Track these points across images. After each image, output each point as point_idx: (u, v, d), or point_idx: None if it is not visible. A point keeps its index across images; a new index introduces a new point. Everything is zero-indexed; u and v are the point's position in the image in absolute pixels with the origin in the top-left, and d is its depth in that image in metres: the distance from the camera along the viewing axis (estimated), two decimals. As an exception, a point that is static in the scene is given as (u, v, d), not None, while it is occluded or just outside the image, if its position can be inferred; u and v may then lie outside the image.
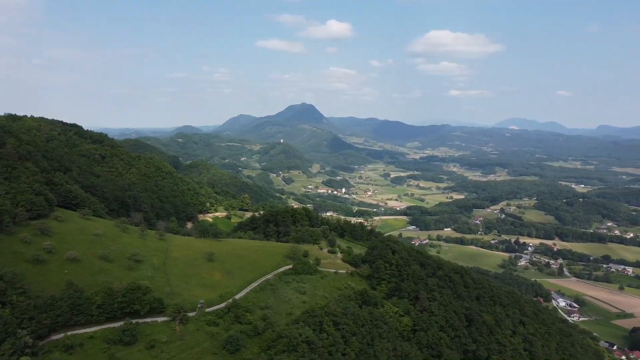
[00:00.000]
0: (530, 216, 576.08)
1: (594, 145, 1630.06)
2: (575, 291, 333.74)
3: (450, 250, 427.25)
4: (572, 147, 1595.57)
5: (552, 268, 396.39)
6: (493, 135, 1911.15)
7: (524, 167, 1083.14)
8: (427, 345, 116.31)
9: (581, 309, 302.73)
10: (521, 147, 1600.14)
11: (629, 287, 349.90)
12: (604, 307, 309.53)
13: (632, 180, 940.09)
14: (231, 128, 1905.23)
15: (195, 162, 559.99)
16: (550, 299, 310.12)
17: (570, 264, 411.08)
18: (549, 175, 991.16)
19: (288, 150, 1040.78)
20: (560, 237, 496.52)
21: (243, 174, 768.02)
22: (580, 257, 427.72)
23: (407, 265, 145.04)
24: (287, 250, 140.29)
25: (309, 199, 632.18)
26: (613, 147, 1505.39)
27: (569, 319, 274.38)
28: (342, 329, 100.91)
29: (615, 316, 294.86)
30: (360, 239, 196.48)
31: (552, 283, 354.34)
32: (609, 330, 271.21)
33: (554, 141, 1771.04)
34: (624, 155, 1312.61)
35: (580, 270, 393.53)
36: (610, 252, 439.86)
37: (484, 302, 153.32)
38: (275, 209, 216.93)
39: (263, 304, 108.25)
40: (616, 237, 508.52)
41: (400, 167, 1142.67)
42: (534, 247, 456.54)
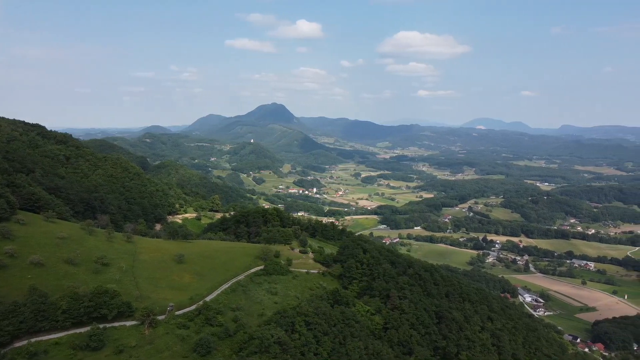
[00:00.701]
0: (497, 214, 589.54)
1: (557, 144, 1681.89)
2: (540, 286, 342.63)
3: (420, 249, 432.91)
4: (537, 146, 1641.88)
5: (518, 264, 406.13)
6: (461, 135, 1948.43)
7: (490, 166, 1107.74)
8: (398, 343, 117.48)
9: (546, 303, 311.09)
10: (488, 146, 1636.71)
11: (590, 282, 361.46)
12: (567, 302, 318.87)
13: (593, 178, 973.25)
14: (201, 128, 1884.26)
15: (163, 163, 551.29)
16: (517, 294, 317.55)
17: (536, 260, 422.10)
18: (515, 174, 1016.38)
19: (259, 150, 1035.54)
20: (526, 234, 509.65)
21: (213, 174, 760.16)
22: (545, 254, 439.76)
23: (378, 264, 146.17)
24: (258, 251, 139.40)
25: (280, 199, 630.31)
26: (575, 147, 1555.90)
27: (535, 313, 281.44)
28: (314, 329, 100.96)
29: (578, 310, 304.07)
30: (332, 239, 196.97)
31: (519, 279, 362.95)
32: (573, 323, 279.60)
33: (519, 141, 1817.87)
34: (586, 154, 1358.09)
35: (545, 266, 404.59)
36: (573, 248, 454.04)
37: (453, 299, 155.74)
38: (246, 210, 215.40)
39: (234, 306, 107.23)
40: (579, 233, 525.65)
41: (370, 166, 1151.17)
42: (501, 244, 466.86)
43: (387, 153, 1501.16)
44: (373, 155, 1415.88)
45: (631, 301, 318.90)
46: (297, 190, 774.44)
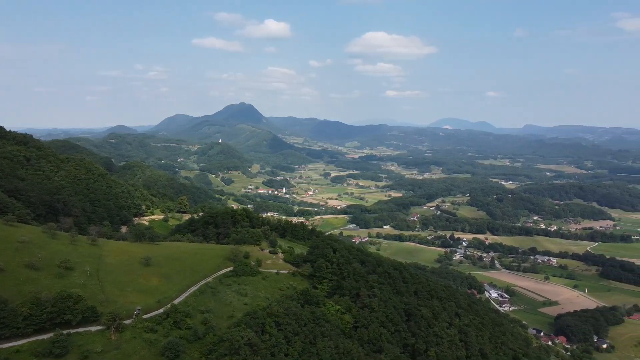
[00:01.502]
0: (464, 212, 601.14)
1: (521, 143, 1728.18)
2: (505, 282, 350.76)
3: (389, 247, 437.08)
4: (501, 145, 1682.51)
5: (484, 261, 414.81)
6: (428, 134, 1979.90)
7: (457, 165, 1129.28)
8: (368, 341, 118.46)
9: (511, 299, 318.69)
10: (454, 146, 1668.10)
11: (553, 277, 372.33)
12: (531, 297, 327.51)
13: (555, 176, 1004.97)
14: (167, 128, 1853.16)
15: (129, 164, 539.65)
16: (483, 290, 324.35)
17: (501, 257, 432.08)
18: (481, 172, 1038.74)
19: (227, 150, 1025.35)
20: (492, 231, 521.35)
21: (181, 175, 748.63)
22: (510, 250, 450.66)
23: (347, 263, 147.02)
24: (227, 252, 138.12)
25: (249, 200, 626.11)
26: (538, 146, 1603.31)
27: (501, 309, 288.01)
28: (284, 330, 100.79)
29: (541, 304, 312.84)
30: (302, 239, 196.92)
31: (485, 275, 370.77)
32: (536, 318, 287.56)
33: (484, 140, 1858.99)
34: (548, 153, 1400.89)
35: (510, 263, 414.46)
36: (536, 244, 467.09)
37: (422, 296, 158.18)
38: (214, 211, 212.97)
39: (203, 308, 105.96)
40: (541, 230, 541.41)
41: (340, 166, 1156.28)
42: (467, 241, 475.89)
43: (356, 153, 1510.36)
44: (342, 155, 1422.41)
45: (591, 295, 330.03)
46: (266, 191, 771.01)
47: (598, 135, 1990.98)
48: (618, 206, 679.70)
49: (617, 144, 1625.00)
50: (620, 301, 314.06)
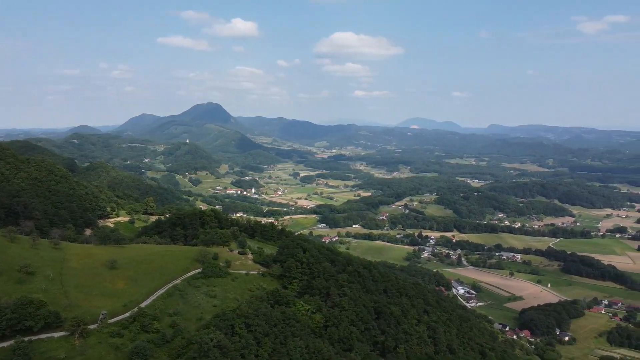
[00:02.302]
0: (432, 210, 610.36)
1: (486, 143, 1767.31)
2: (472, 279, 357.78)
3: (359, 246, 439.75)
4: (467, 145, 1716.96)
5: (451, 258, 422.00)
6: (396, 134, 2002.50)
7: (425, 164, 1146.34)
8: (338, 340, 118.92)
9: (478, 295, 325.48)
10: (422, 145, 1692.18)
11: (518, 273, 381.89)
12: (497, 292, 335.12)
13: (518, 174, 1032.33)
14: (133, 128, 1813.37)
15: (93, 165, 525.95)
16: (451, 287, 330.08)
17: (468, 254, 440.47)
18: (447, 171, 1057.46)
19: (195, 150, 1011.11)
20: (458, 229, 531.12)
21: (147, 176, 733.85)
22: (476, 247, 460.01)
23: (317, 263, 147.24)
24: (195, 254, 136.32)
25: (217, 200, 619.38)
26: (502, 145, 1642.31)
27: (468, 305, 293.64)
28: (254, 331, 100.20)
29: (507, 299, 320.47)
30: (271, 239, 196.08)
31: (452, 272, 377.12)
32: (502, 313, 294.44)
33: (450, 139, 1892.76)
34: (512, 152, 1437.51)
35: (476, 259, 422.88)
36: (501, 241, 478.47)
37: (391, 294, 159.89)
38: (182, 212, 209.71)
39: (171, 311, 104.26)
40: (506, 227, 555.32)
41: (309, 166, 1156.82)
42: (435, 239, 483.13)
43: (325, 153, 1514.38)
44: (311, 154, 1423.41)
45: (553, 289, 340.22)
46: (235, 191, 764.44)
47: (559, 135, 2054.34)
48: (578, 203, 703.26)
49: (577, 143, 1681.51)
50: (580, 295, 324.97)
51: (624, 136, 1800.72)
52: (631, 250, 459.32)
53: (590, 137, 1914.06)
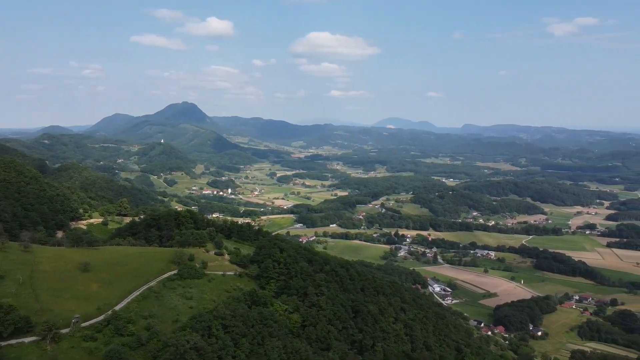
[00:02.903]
0: (408, 209, 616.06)
1: (460, 142, 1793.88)
2: (448, 277, 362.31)
3: (336, 246, 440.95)
4: (442, 144, 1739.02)
5: (427, 257, 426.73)
6: (372, 134, 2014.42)
7: (401, 163, 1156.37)
8: (316, 340, 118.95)
9: (453, 292, 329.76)
10: (398, 145, 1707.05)
11: (492, 270, 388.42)
12: (472, 289, 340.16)
13: (492, 173, 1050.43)
14: (106, 128, 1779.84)
15: (65, 165, 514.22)
16: (427, 285, 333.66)
17: (443, 252, 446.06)
18: (423, 170, 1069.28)
19: (169, 150, 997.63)
20: (434, 227, 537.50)
21: (120, 176, 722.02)
22: (451, 245, 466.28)
23: (295, 262, 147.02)
24: (171, 255, 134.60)
25: (193, 201, 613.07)
26: (476, 144, 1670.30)
27: (443, 302, 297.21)
28: (231, 332, 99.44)
29: (481, 296, 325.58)
30: (248, 239, 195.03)
31: (428, 270, 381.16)
32: (477, 309, 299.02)
33: (426, 139, 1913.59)
34: (485, 151, 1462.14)
35: (451, 257, 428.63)
36: (475, 239, 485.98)
37: (368, 293, 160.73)
38: (157, 213, 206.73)
39: (146, 313, 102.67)
40: (481, 225, 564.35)
41: (285, 166, 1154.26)
42: (411, 238, 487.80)
43: (301, 152, 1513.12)
44: (288, 154, 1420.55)
45: (527, 285, 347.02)
46: (211, 192, 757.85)
47: (531, 134, 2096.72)
48: (550, 201, 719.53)
49: (548, 142, 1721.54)
50: (552, 290, 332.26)
51: (593, 135, 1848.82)
52: (600, 246, 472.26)
53: (561, 136, 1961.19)
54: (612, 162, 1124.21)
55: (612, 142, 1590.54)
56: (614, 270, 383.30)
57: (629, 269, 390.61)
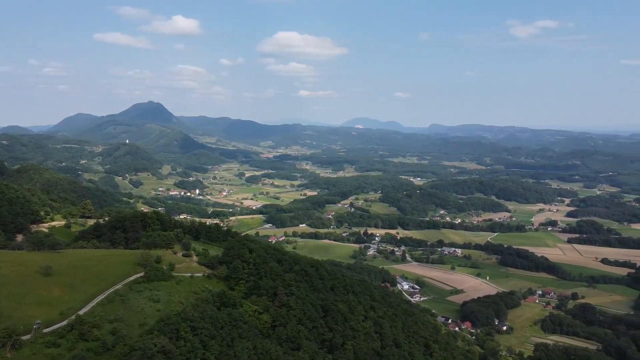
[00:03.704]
0: (376, 208, 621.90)
1: (427, 142, 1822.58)
2: (416, 274, 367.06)
3: (305, 245, 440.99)
4: (410, 144, 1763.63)
5: (396, 255, 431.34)
6: (341, 134, 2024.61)
7: (369, 163, 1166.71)
8: (286, 340, 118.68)
9: (421, 289, 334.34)
10: (366, 145, 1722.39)
11: (459, 267, 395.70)
12: (440, 286, 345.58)
13: (458, 172, 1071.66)
14: (68, 128, 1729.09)
15: (25, 167, 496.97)
16: (396, 283, 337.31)
17: (411, 250, 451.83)
18: (391, 170, 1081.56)
19: (135, 151, 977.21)
20: (402, 226, 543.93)
21: (84, 178, 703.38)
22: (419, 243, 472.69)
23: (264, 263, 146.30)
24: (137, 257, 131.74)
25: (160, 202, 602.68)
26: (442, 144, 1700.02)
27: (412, 299, 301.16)
28: (200, 334, 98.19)
29: (449, 293, 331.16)
30: (217, 240, 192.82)
31: (397, 268, 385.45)
32: (445, 306, 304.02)
33: (394, 139, 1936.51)
34: (452, 150, 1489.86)
35: (419, 255, 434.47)
36: (443, 237, 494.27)
37: (338, 291, 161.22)
38: (122, 214, 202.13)
39: (112, 317, 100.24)
40: (447, 223, 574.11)
41: (254, 166, 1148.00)
42: (380, 237, 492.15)
43: (270, 152, 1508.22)
44: (256, 154, 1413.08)
45: (492, 281, 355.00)
46: (178, 192, 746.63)
47: (495, 134, 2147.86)
48: (513, 199, 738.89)
49: (512, 141, 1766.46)
50: (517, 286, 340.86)
51: (554, 135, 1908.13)
52: (561, 242, 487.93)
53: (524, 136, 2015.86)
54: (572, 160, 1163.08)
55: (571, 141, 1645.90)
56: (575, 265, 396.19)
57: (589, 263, 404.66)
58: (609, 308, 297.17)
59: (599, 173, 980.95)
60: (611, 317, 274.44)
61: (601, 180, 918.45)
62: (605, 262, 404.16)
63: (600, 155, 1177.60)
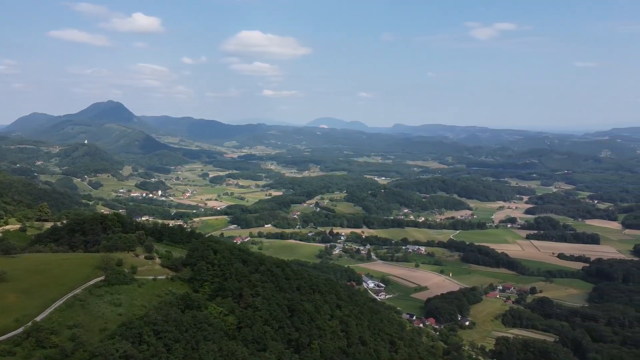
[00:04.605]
0: (342, 208, 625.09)
1: (391, 142, 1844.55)
2: (381, 272, 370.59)
3: (271, 246, 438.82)
4: (374, 144, 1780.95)
5: (361, 254, 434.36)
6: (306, 133, 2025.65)
7: (334, 163, 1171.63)
8: (252, 341, 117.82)
9: (387, 287, 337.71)
10: (331, 144, 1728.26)
11: (423, 264, 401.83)
12: (404, 284, 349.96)
13: (421, 171, 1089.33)
14: (23, 128, 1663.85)
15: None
16: (361, 281, 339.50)
17: (377, 249, 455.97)
18: (356, 170, 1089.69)
19: (94, 152, 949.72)
20: (367, 225, 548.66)
21: (40, 180, 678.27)
22: (384, 242, 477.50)
23: (229, 264, 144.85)
24: (97, 261, 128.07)
25: (121, 204, 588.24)
26: (406, 144, 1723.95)
27: (377, 297, 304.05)
28: (164, 337, 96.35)
29: (413, 290, 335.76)
30: (180, 242, 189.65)
31: (362, 267, 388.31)
32: (409, 303, 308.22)
33: (358, 139, 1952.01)
34: (415, 150, 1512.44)
35: (384, 254, 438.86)
36: (407, 235, 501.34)
37: (304, 291, 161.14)
38: (81, 217, 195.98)
39: (71, 323, 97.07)
40: (411, 221, 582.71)
41: (218, 166, 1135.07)
42: (345, 236, 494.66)
43: (235, 152, 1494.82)
44: (221, 154, 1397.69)
45: (455, 278, 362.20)
46: (140, 194, 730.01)
47: (456, 134, 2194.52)
48: (475, 197, 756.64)
49: (472, 141, 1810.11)
50: (478, 282, 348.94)
51: (513, 134, 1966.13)
52: (520, 238, 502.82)
53: (484, 135, 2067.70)
54: (529, 159, 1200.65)
55: (529, 140, 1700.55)
56: (533, 261, 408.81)
57: (546, 258, 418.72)
58: (565, 301, 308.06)
59: (555, 171, 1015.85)
60: (567, 310, 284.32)
61: (557, 178, 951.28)
62: (561, 257, 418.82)
63: (556, 154, 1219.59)
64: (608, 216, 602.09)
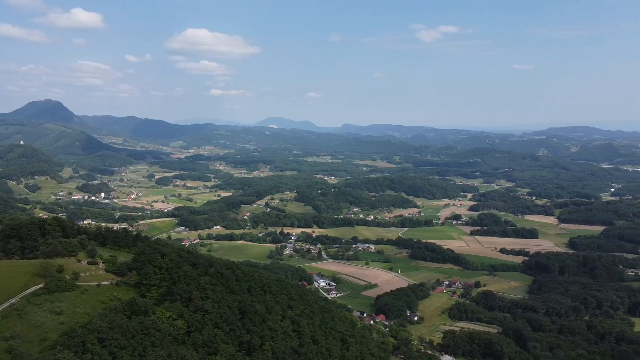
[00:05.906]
0: (292, 207, 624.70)
1: (340, 141, 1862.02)
2: (332, 271, 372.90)
3: (221, 247, 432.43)
4: (323, 143, 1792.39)
5: (312, 253, 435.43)
6: (255, 133, 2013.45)
7: (284, 162, 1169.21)
8: (203, 345, 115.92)
9: (337, 286, 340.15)
10: (280, 144, 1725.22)
11: (372, 262, 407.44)
12: (355, 282, 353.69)
13: (370, 170, 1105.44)
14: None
15: None
16: (313, 281, 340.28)
17: (327, 248, 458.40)
18: (306, 169, 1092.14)
19: (31, 153, 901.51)
20: (318, 224, 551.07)
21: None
22: (335, 241, 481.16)
23: (177, 267, 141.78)
24: (35, 268, 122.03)
25: (61, 208, 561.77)
26: (355, 143, 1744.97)
27: (329, 296, 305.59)
28: (109, 345, 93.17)
29: (363, 288, 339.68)
30: (126, 246, 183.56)
31: (313, 266, 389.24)
32: (360, 301, 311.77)
33: (307, 138, 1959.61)
34: (363, 149, 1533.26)
35: (335, 252, 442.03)
36: (357, 234, 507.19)
37: (255, 292, 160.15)
38: (17, 221, 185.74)
39: (7, 334, 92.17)
40: (361, 220, 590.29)
41: (165, 167, 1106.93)
42: (296, 236, 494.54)
43: (182, 153, 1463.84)
44: (167, 155, 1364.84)
45: (404, 275, 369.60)
46: (81, 197, 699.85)
47: (403, 133, 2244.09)
48: (421, 195, 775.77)
49: (419, 140, 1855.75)
50: (426, 278, 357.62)
51: (457, 134, 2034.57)
52: (465, 234, 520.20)
53: (430, 135, 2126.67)
54: (472, 158, 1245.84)
55: (472, 139, 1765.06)
56: (477, 256, 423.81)
57: (489, 253, 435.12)
58: (507, 294, 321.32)
59: (496, 169, 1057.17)
60: (509, 302, 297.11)
61: (498, 176, 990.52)
62: (503, 252, 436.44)
63: (497, 153, 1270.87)
64: (545, 211, 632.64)
